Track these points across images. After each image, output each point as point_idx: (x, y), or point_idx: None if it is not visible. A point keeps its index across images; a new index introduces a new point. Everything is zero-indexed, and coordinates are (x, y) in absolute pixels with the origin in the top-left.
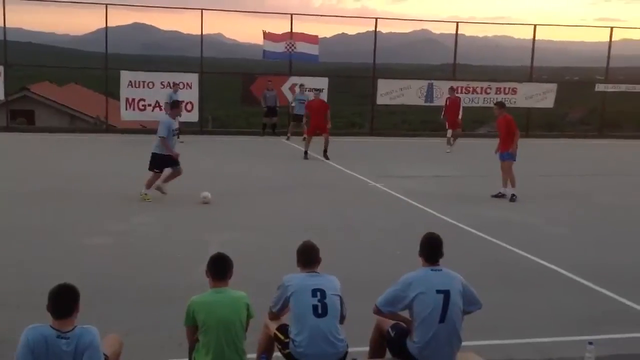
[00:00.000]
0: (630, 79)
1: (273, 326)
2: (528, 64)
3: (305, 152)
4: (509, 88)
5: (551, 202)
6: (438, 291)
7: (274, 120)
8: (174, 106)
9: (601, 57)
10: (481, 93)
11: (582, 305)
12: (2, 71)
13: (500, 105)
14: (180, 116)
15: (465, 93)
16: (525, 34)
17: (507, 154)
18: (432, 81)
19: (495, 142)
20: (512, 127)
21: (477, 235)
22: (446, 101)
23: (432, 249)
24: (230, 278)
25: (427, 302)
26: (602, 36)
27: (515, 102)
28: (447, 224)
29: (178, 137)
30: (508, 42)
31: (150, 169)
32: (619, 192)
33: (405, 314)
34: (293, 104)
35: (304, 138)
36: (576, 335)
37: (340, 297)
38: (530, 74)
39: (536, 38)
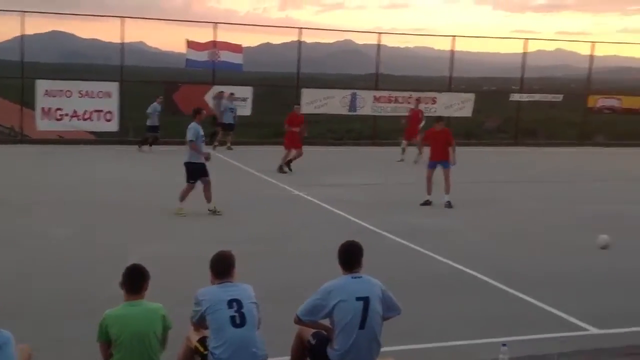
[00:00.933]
0: (544, 89)
1: (194, 338)
2: (448, 74)
3: (282, 166)
4: (430, 98)
5: (471, 209)
6: (358, 298)
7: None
8: (197, 112)
9: (517, 67)
10: (403, 102)
11: (498, 308)
12: None
13: (442, 119)
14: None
15: (388, 103)
16: (445, 45)
17: (446, 162)
18: (356, 91)
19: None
20: (451, 139)
21: (399, 242)
22: (409, 112)
23: (350, 257)
24: (147, 290)
25: (348, 309)
26: (518, 47)
27: (435, 111)
28: (369, 231)
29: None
30: (429, 53)
31: (188, 180)
32: (536, 198)
33: (327, 322)
34: (221, 109)
35: (228, 147)
36: (491, 338)
37: (256, 304)
38: (449, 84)
39: (455, 49)
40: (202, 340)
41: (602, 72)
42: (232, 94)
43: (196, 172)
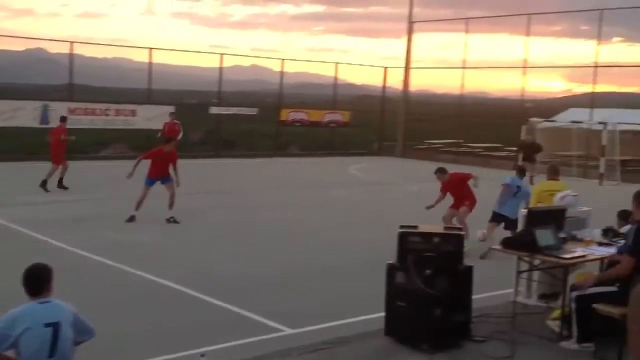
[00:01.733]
0: (242, 102)
1: None
2: (147, 86)
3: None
4: (129, 110)
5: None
6: (46, 324)
7: None
8: None
9: (216, 81)
10: (101, 115)
11: (198, 317)
12: None
13: (172, 140)
14: None
15: (84, 115)
16: (145, 57)
17: (166, 178)
18: (47, 102)
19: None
20: (175, 160)
21: (96, 260)
22: (164, 126)
23: (36, 281)
24: None
25: (35, 337)
26: (217, 62)
27: (134, 124)
28: (64, 251)
29: None
30: (128, 65)
31: None
32: (232, 209)
33: (12, 353)
34: None
35: None
36: (192, 349)
37: None
38: (149, 96)
39: (157, 62)
40: None
41: (293, 87)
42: None
43: None
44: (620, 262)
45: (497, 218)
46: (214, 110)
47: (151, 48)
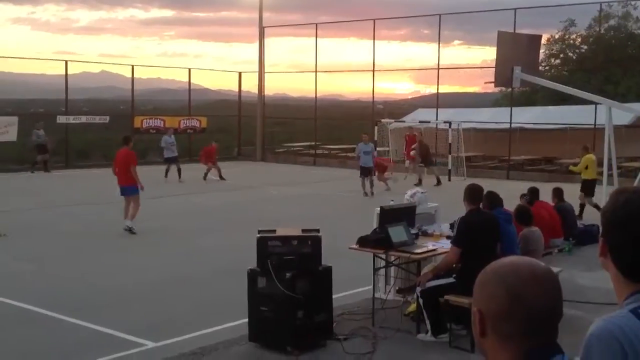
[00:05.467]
0: (93, 110)
1: None
2: None
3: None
4: None
5: (18, 238)
6: None
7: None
8: None
9: (63, 89)
10: None
11: (54, 338)
12: None
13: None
14: None
15: None
16: None
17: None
18: None
19: None
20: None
21: None
22: None
23: None
24: None
25: None
26: (63, 69)
27: None
28: None
29: None
30: None
31: None
32: (82, 222)
33: None
34: None
35: None
36: None
37: None
38: None
39: None
40: None
41: (146, 93)
42: None
43: None
44: (449, 252)
45: (362, 170)
46: (61, 119)
47: None
